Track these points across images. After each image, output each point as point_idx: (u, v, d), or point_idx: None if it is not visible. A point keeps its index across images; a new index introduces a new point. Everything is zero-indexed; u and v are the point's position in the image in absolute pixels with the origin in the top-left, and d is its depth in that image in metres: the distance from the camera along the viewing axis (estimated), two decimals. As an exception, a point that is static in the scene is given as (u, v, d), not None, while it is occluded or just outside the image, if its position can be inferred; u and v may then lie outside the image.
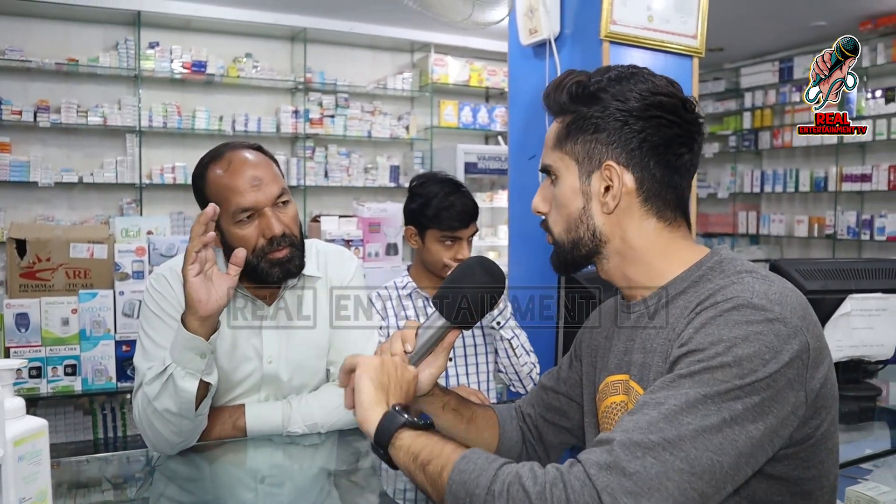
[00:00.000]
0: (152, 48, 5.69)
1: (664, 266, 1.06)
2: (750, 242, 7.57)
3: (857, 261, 2.22)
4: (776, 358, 0.88)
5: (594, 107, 1.05)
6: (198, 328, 1.43)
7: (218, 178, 1.57)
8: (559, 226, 1.10)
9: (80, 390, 2.97)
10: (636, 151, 1.04)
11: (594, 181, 1.06)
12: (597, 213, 1.07)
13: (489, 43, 6.68)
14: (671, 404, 0.86)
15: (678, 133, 1.06)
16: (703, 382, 0.87)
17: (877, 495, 1.60)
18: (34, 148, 5.46)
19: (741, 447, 0.86)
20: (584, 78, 1.08)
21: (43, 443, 0.97)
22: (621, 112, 1.04)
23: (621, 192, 1.05)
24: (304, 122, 6.20)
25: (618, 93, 1.05)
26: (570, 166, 1.08)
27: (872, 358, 2.02)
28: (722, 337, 0.89)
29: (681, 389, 0.87)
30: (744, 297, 0.92)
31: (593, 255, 1.09)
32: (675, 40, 2.36)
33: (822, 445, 0.96)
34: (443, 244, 2.11)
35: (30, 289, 2.95)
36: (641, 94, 1.04)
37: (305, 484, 1.52)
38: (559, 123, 1.10)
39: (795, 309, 0.93)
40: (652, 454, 0.82)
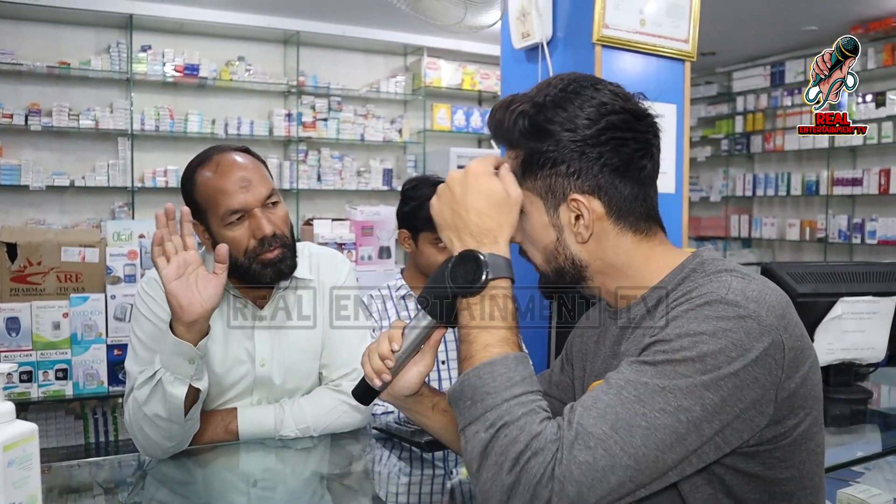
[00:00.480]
0: (144, 51, 5.68)
1: (647, 274, 1.06)
2: (742, 246, 7.59)
3: (848, 264, 2.24)
4: (743, 355, 0.88)
5: (546, 141, 1.02)
6: (185, 333, 1.41)
7: (207, 181, 1.57)
8: (537, 258, 1.10)
9: (72, 395, 2.95)
10: (599, 177, 1.02)
11: (562, 213, 1.05)
12: (571, 242, 1.06)
13: (482, 46, 6.69)
14: (629, 392, 0.88)
15: (636, 148, 1.04)
16: (664, 374, 0.88)
17: (868, 497, 1.61)
18: (25, 151, 5.44)
19: (688, 446, 0.88)
20: (527, 107, 1.04)
21: (33, 447, 0.96)
22: (575, 143, 1.01)
23: (592, 219, 1.03)
24: (297, 125, 6.20)
25: (566, 121, 1.01)
26: (535, 202, 1.06)
27: (863, 361, 2.03)
28: (690, 330, 0.90)
29: (642, 376, 0.89)
30: (718, 292, 0.92)
31: (578, 280, 1.09)
32: (667, 44, 2.37)
33: (802, 446, 0.96)
34: (436, 247, 2.11)
35: (21, 293, 2.94)
36: (590, 119, 1.01)
37: (298, 488, 1.52)
38: (511, 159, 1.07)
39: (773, 308, 0.93)
40: (603, 446, 0.85)
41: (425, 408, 1.20)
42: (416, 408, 1.19)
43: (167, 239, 1.43)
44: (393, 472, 1.58)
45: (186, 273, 1.41)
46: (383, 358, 1.10)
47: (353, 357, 1.72)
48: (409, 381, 1.13)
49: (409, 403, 1.18)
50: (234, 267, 1.58)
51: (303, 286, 1.73)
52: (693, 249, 1.09)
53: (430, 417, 1.21)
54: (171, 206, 1.46)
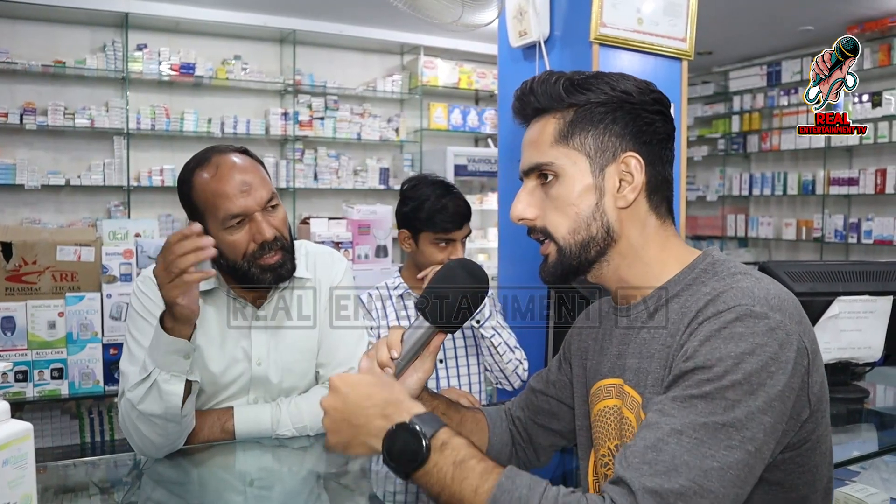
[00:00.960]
0: (140, 50, 5.66)
1: (660, 267, 1.05)
2: (738, 245, 7.60)
3: (845, 263, 2.24)
4: (782, 368, 0.88)
5: (600, 98, 1.02)
6: (182, 330, 1.42)
7: (205, 184, 1.56)
8: (563, 228, 1.04)
9: (67, 394, 2.94)
10: (647, 145, 1.03)
11: (608, 175, 1.03)
12: (611, 208, 1.03)
13: (479, 45, 6.68)
14: (692, 435, 0.85)
15: (672, 130, 1.06)
16: (717, 407, 0.86)
17: (865, 497, 1.61)
18: (20, 150, 5.42)
19: (758, 470, 0.87)
20: (571, 74, 1.05)
21: (28, 447, 0.95)
22: (631, 104, 1.02)
23: (640, 184, 1.02)
24: (294, 124, 6.19)
25: (617, 85, 1.02)
26: (579, 161, 1.03)
27: (860, 360, 2.03)
28: (729, 352, 0.88)
29: (697, 416, 0.86)
30: (745, 304, 0.91)
31: (599, 257, 1.05)
32: (664, 43, 2.37)
33: (816, 449, 0.96)
34: (437, 246, 2.11)
35: (16, 292, 2.93)
36: (640, 88, 1.03)
37: (295, 487, 1.51)
38: (556, 119, 1.04)
39: (793, 314, 0.93)
40: (683, 500, 0.81)
41: None
42: None
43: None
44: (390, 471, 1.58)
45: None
46: (382, 366, 1.08)
47: (350, 356, 1.72)
48: (409, 388, 1.12)
49: None
50: (231, 269, 1.58)
51: (300, 286, 1.72)
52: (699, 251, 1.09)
53: None
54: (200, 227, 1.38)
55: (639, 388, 1.03)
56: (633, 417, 1.04)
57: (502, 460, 1.29)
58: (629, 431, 1.04)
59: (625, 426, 1.06)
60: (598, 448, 1.13)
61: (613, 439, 1.09)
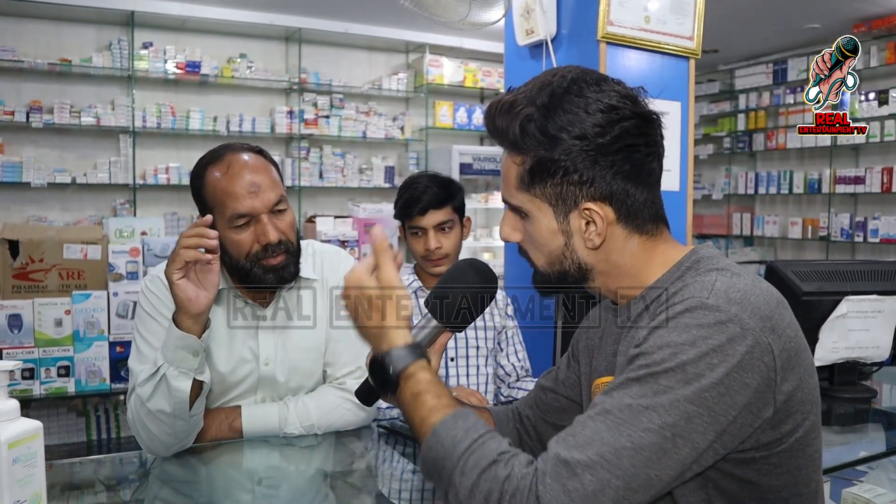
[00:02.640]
0: (146, 48, 5.67)
1: (647, 274, 1.05)
2: (744, 244, 7.59)
3: (853, 262, 2.23)
4: (725, 361, 0.87)
5: (556, 150, 0.99)
6: (190, 326, 1.43)
7: (216, 181, 1.56)
8: (540, 260, 1.07)
9: (74, 392, 2.95)
10: (612, 184, 1.00)
11: (573, 220, 1.02)
12: (580, 248, 1.04)
13: (484, 44, 6.68)
14: (616, 415, 0.87)
15: (647, 152, 1.02)
16: (646, 391, 0.87)
17: (873, 497, 1.60)
18: (27, 148, 5.43)
19: (683, 459, 0.87)
20: (532, 111, 1.00)
21: (37, 445, 0.96)
22: (587, 152, 0.98)
23: (605, 225, 1.02)
24: (299, 122, 6.19)
25: (575, 128, 0.98)
26: (543, 208, 1.03)
27: (868, 360, 2.02)
28: (669, 341, 0.89)
29: (626, 395, 0.88)
30: (699, 297, 0.92)
31: (582, 281, 1.08)
32: (671, 41, 2.36)
33: (799, 452, 0.95)
34: (414, 236, 2.13)
35: (23, 290, 2.94)
36: (601, 126, 0.98)
37: (302, 485, 1.51)
38: (516, 164, 1.03)
39: (757, 309, 0.91)
40: (590, 472, 0.84)
41: None
42: None
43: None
44: (396, 469, 1.58)
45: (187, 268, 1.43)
46: None
47: (357, 355, 1.72)
48: None
49: None
50: (234, 268, 1.58)
51: (306, 286, 1.72)
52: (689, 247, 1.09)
53: None
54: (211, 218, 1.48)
55: None
56: None
57: None
58: None
59: None
60: None
61: None
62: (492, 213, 6.49)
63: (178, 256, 1.41)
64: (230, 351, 1.64)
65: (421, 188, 2.10)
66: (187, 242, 1.42)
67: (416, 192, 2.10)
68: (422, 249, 2.11)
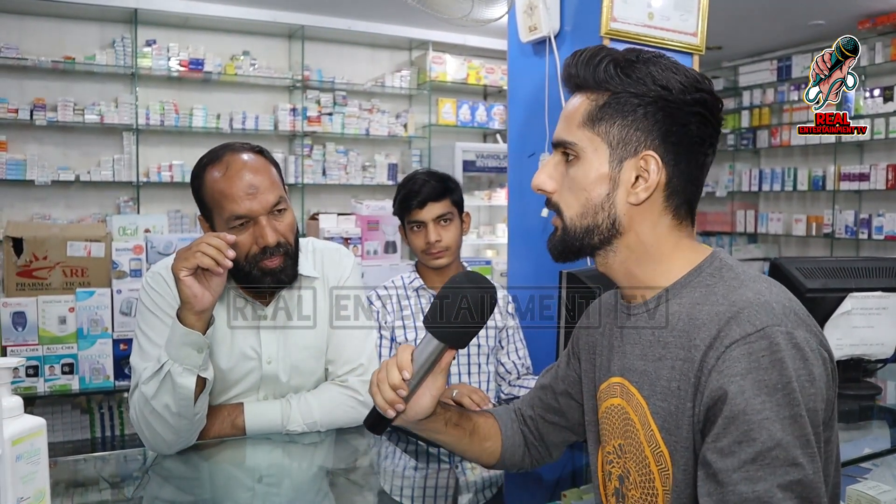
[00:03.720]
0: (149, 46, 5.67)
1: (668, 266, 1.03)
2: (748, 241, 7.57)
3: (857, 259, 2.22)
4: (818, 387, 0.88)
5: (639, 89, 0.99)
6: (195, 322, 1.43)
7: (214, 182, 1.56)
8: (572, 209, 1.03)
9: (78, 389, 2.96)
10: (675, 146, 1.00)
11: (626, 168, 1.00)
12: (621, 202, 1.01)
13: (487, 41, 6.66)
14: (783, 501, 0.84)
15: (711, 133, 1.02)
16: (780, 456, 0.84)
17: (877, 494, 1.60)
18: (30, 146, 5.44)
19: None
20: (621, 56, 1.01)
21: (41, 442, 0.96)
22: (666, 101, 0.98)
23: (655, 182, 1.00)
24: (302, 120, 6.19)
25: (661, 78, 0.98)
26: (600, 149, 1.01)
27: (872, 357, 2.02)
28: (776, 384, 0.86)
29: (772, 475, 0.84)
30: (772, 324, 0.89)
31: (604, 245, 1.04)
32: (675, 38, 2.35)
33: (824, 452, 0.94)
34: (413, 231, 2.14)
35: (27, 287, 2.94)
36: (685, 86, 0.98)
37: (304, 483, 1.52)
38: (590, 100, 1.02)
39: (809, 324, 0.92)
40: None
41: (439, 425, 1.17)
42: (430, 427, 1.17)
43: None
44: (399, 467, 1.58)
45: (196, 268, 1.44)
46: (395, 388, 1.06)
47: (359, 352, 1.72)
48: (422, 406, 1.10)
49: (423, 424, 1.15)
50: (234, 269, 1.57)
51: (307, 285, 1.72)
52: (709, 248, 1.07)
53: (443, 433, 1.19)
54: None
55: (643, 391, 1.01)
56: (637, 420, 1.02)
57: (514, 461, 1.29)
58: (633, 433, 1.03)
59: (629, 427, 1.05)
60: (604, 445, 1.12)
61: (617, 438, 1.08)
62: (495, 210, 6.49)
63: (192, 257, 1.41)
64: (231, 349, 1.64)
65: (419, 182, 2.11)
66: (207, 250, 1.41)
67: (414, 186, 2.11)
68: (422, 243, 2.12)
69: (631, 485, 1.05)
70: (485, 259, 5.16)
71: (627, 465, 1.05)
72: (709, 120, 1.01)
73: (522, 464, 1.30)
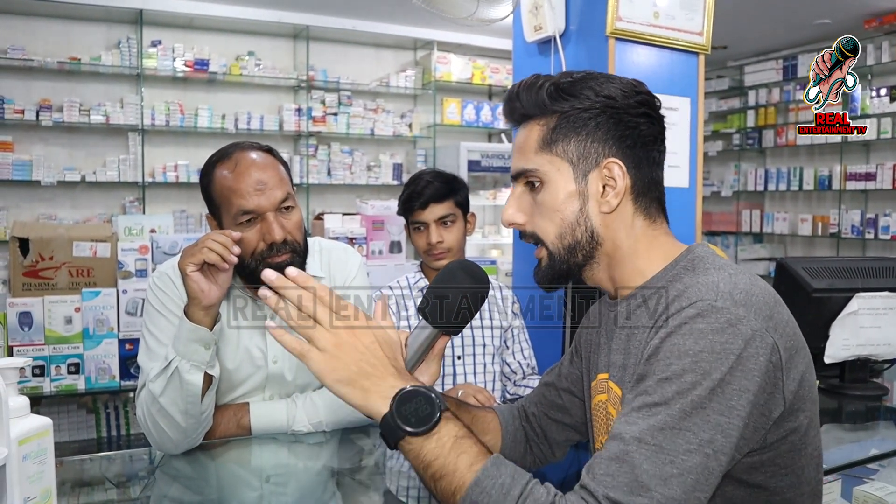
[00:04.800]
0: (154, 46, 5.68)
1: (645, 264, 1.06)
2: (753, 241, 7.55)
3: (864, 259, 2.21)
4: (742, 364, 0.87)
5: (584, 103, 1.03)
6: (202, 318, 1.45)
7: (223, 179, 1.56)
8: (551, 234, 1.06)
9: (84, 389, 2.97)
10: (631, 149, 1.03)
11: (591, 181, 1.03)
12: (594, 213, 1.04)
13: (492, 41, 6.66)
14: (650, 442, 0.85)
15: (659, 130, 1.07)
16: (676, 412, 0.85)
17: (884, 495, 1.59)
18: (36, 147, 5.46)
19: (720, 470, 0.86)
20: (558, 78, 1.05)
21: (47, 442, 0.96)
22: (613, 108, 1.02)
23: (622, 187, 1.03)
24: (307, 120, 6.20)
25: (602, 90, 1.03)
26: (563, 168, 1.04)
27: (879, 357, 2.01)
28: (688, 350, 0.88)
29: (655, 418, 0.86)
30: (707, 299, 0.91)
31: (588, 260, 1.06)
32: (680, 37, 2.35)
33: (801, 451, 0.95)
34: (416, 231, 2.15)
35: (33, 287, 2.95)
36: (625, 91, 1.03)
37: (310, 482, 1.52)
38: (540, 126, 1.05)
39: (761, 308, 0.91)
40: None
41: None
42: None
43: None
44: (404, 467, 1.58)
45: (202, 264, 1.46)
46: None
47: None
48: None
49: None
50: (240, 267, 1.57)
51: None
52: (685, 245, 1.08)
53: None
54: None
55: (620, 383, 1.05)
56: (615, 412, 1.05)
57: (515, 458, 1.29)
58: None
59: (610, 422, 1.07)
60: (595, 442, 1.15)
61: (603, 434, 1.10)
62: (500, 210, 6.48)
63: (198, 253, 1.44)
64: (237, 348, 1.65)
65: (423, 183, 2.11)
66: (214, 246, 1.44)
67: (418, 186, 2.12)
68: (424, 244, 2.13)
69: None
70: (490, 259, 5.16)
71: None
72: (654, 118, 1.05)
73: (524, 462, 1.30)
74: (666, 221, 1.09)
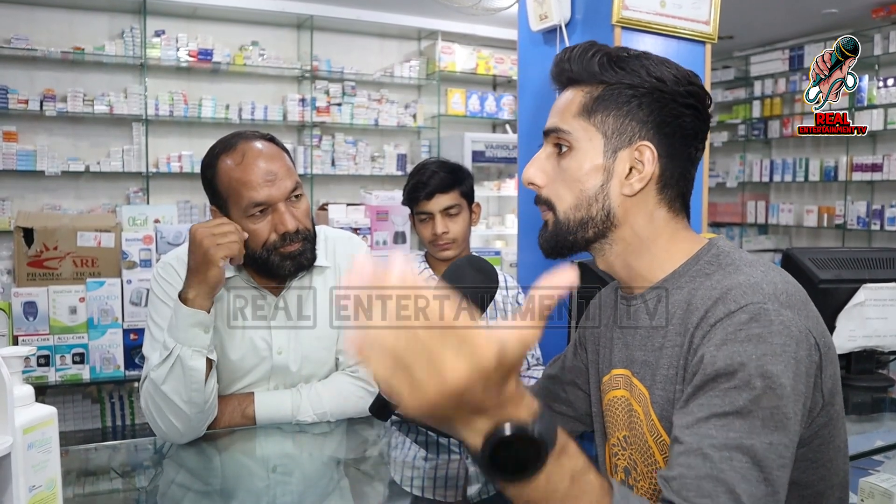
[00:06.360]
0: (158, 36, 5.67)
1: (665, 257, 1.03)
2: (758, 232, 7.53)
3: (870, 250, 2.20)
4: (797, 367, 0.86)
5: (633, 80, 1.00)
6: (203, 303, 1.46)
7: (230, 171, 1.55)
8: (565, 202, 1.03)
9: (88, 379, 2.97)
10: (669, 137, 1.00)
11: (620, 159, 1.00)
12: (615, 193, 1.01)
13: (496, 30, 6.63)
14: (740, 459, 0.80)
15: (703, 127, 1.03)
16: (754, 418, 0.82)
17: (890, 486, 1.58)
18: (40, 137, 5.46)
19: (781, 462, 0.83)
20: (613, 50, 1.02)
21: (52, 431, 0.96)
22: (661, 92, 0.99)
23: (649, 172, 1.00)
24: (311, 110, 6.18)
25: (655, 70, 1.00)
26: (595, 139, 1.01)
27: (885, 348, 2.00)
28: (750, 356, 0.85)
29: (734, 430, 0.82)
30: (756, 302, 0.88)
31: (599, 238, 1.03)
32: (687, 26, 2.33)
33: (830, 444, 0.95)
34: (422, 222, 2.14)
35: (37, 277, 2.95)
36: (678, 78, 1.00)
37: (315, 472, 1.52)
38: (584, 93, 1.02)
39: (801, 308, 0.91)
40: None
41: None
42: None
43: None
44: (409, 457, 1.58)
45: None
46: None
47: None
48: None
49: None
50: (250, 258, 1.57)
51: (319, 274, 1.71)
52: (711, 235, 1.07)
53: None
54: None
55: (645, 381, 1.01)
56: (640, 410, 1.03)
57: None
58: (638, 424, 1.03)
59: (633, 418, 1.05)
60: (609, 437, 1.13)
61: (622, 429, 1.08)
62: (504, 200, 6.47)
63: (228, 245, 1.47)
64: (242, 339, 1.64)
65: (428, 173, 2.11)
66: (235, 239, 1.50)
67: (423, 176, 2.11)
68: (429, 234, 2.12)
69: (639, 476, 1.05)
70: (494, 249, 5.15)
71: (633, 456, 1.05)
72: (701, 113, 1.02)
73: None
74: (687, 217, 1.06)
